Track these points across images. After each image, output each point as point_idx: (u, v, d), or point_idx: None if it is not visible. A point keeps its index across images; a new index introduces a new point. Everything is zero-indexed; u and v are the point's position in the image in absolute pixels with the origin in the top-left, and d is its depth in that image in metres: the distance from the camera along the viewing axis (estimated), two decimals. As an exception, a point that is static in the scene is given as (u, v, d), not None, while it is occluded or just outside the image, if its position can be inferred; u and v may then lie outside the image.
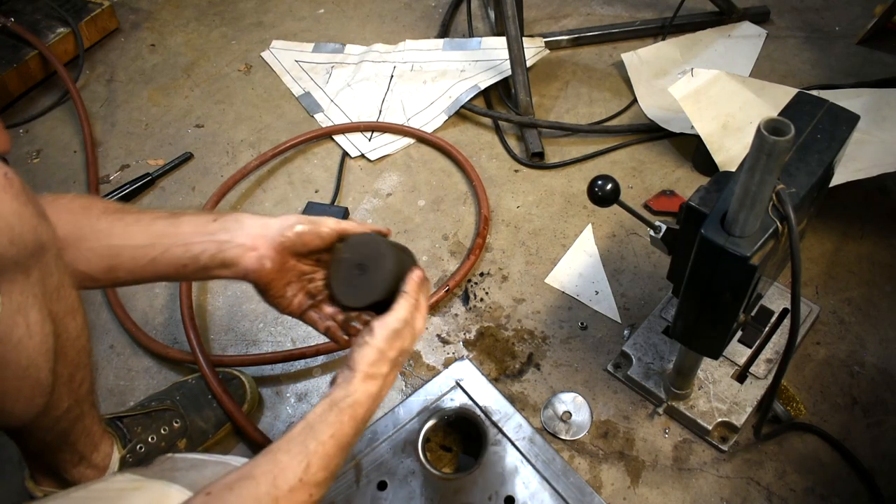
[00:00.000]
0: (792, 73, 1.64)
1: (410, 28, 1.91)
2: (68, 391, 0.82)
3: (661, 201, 1.38)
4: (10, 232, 0.64)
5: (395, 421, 1.06)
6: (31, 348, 0.71)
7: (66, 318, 0.77)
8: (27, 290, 0.69)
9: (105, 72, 1.86)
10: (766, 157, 0.64)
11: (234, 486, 0.61)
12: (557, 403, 1.11)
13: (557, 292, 1.27)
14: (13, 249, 0.65)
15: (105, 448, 0.96)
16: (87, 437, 0.92)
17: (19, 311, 0.69)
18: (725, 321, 0.82)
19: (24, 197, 0.67)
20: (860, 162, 1.22)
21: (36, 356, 0.72)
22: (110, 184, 1.55)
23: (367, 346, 0.72)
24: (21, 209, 0.66)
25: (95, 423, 0.93)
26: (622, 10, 1.89)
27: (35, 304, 0.71)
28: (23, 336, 0.69)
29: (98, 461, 0.95)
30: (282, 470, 0.64)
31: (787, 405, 1.06)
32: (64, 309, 0.76)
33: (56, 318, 0.75)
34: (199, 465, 0.86)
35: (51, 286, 0.73)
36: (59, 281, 0.74)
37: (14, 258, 0.66)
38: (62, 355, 0.77)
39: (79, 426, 0.88)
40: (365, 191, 1.49)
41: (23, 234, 0.66)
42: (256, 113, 1.71)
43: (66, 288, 0.76)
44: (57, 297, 0.74)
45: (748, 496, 1.00)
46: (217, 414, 1.09)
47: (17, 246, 0.65)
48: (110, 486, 0.78)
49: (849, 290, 1.21)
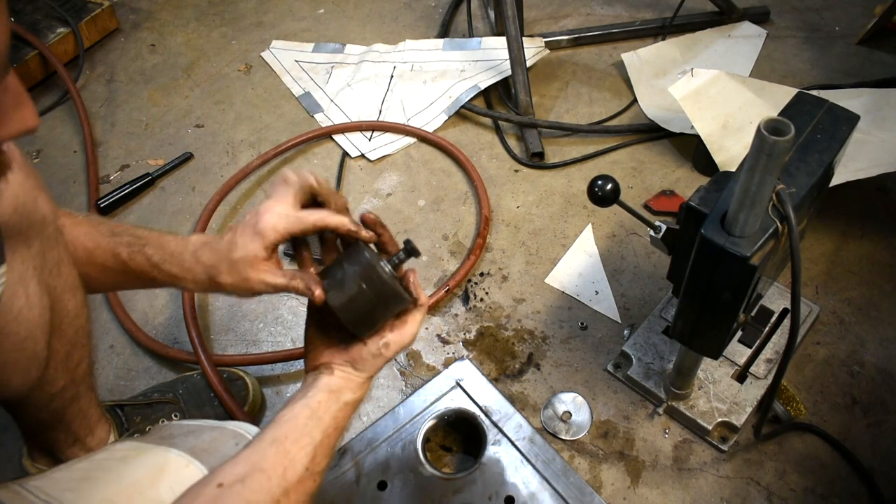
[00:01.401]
0: (792, 73, 1.64)
1: (410, 28, 1.91)
2: (64, 369, 0.82)
3: (661, 201, 1.38)
4: (15, 200, 0.66)
5: (395, 421, 1.06)
6: (30, 320, 0.72)
7: (64, 294, 0.78)
8: (28, 261, 0.70)
9: (105, 72, 1.86)
10: (766, 157, 0.64)
11: (246, 479, 0.62)
12: (557, 403, 1.11)
13: (557, 292, 1.27)
14: (16, 217, 0.67)
15: (100, 433, 0.97)
16: (83, 419, 0.92)
17: (20, 281, 0.70)
18: (725, 321, 0.82)
19: (26, 169, 0.69)
20: (860, 162, 1.22)
21: (34, 328, 0.73)
22: (110, 184, 1.55)
23: (381, 357, 0.72)
24: (23, 180, 0.68)
25: (92, 407, 0.93)
26: (622, 10, 1.89)
27: (35, 276, 0.72)
28: (23, 307, 0.71)
29: (93, 444, 0.96)
30: (291, 461, 0.64)
31: (787, 405, 1.06)
32: (62, 285, 0.77)
33: (54, 293, 0.76)
34: (196, 430, 0.86)
35: (51, 261, 0.74)
36: (58, 257, 0.76)
37: (17, 226, 0.67)
38: (59, 331, 0.78)
39: (74, 407, 0.89)
40: (365, 191, 1.49)
41: (25, 203, 0.68)
42: (256, 113, 1.71)
43: (66, 265, 0.78)
44: (57, 272, 0.76)
45: (748, 496, 1.00)
46: (217, 412, 1.09)
47: (20, 214, 0.67)
48: (112, 455, 0.78)
49: (849, 290, 1.21)
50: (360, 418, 1.13)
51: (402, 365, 1.19)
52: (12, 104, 0.48)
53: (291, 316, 1.28)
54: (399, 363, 1.19)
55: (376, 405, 1.14)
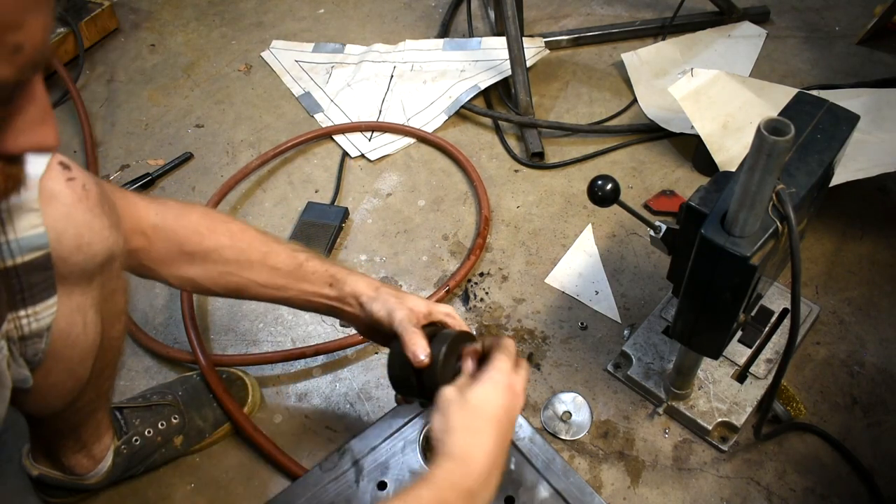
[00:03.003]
0: (792, 73, 1.64)
1: (410, 28, 1.91)
2: (94, 387, 0.84)
3: (661, 201, 1.38)
4: (79, 240, 0.68)
5: (396, 421, 1.06)
6: (84, 347, 0.74)
7: (113, 320, 0.80)
8: (88, 293, 0.72)
9: (105, 72, 1.86)
10: (766, 157, 0.64)
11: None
12: (557, 403, 1.11)
13: (557, 292, 1.27)
14: (80, 256, 0.68)
15: (106, 440, 0.99)
16: (95, 429, 0.94)
17: (79, 310, 0.72)
18: (725, 321, 0.82)
19: (98, 209, 0.70)
20: (860, 162, 1.22)
21: (86, 355, 0.76)
22: (110, 184, 1.55)
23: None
24: (93, 221, 0.69)
25: (105, 416, 0.96)
26: (622, 10, 1.89)
27: (93, 306, 0.74)
28: (79, 334, 0.73)
29: (97, 452, 0.98)
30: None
31: (787, 405, 1.06)
32: (113, 312, 0.80)
33: (104, 319, 0.78)
34: None
35: (108, 290, 0.76)
36: (115, 286, 0.78)
37: (80, 265, 0.69)
38: (101, 354, 0.80)
39: (92, 419, 0.91)
40: (365, 191, 1.49)
41: (91, 244, 0.69)
42: (256, 113, 1.71)
43: (120, 293, 0.80)
44: (112, 300, 0.78)
45: (748, 496, 1.00)
46: (216, 414, 1.09)
47: (83, 254, 0.69)
48: None
49: (849, 290, 1.21)
50: (361, 418, 1.13)
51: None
52: (37, 118, 0.46)
53: (291, 316, 1.28)
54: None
55: (376, 405, 1.14)
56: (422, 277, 1.32)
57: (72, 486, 0.99)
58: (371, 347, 1.22)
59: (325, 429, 1.12)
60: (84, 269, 0.70)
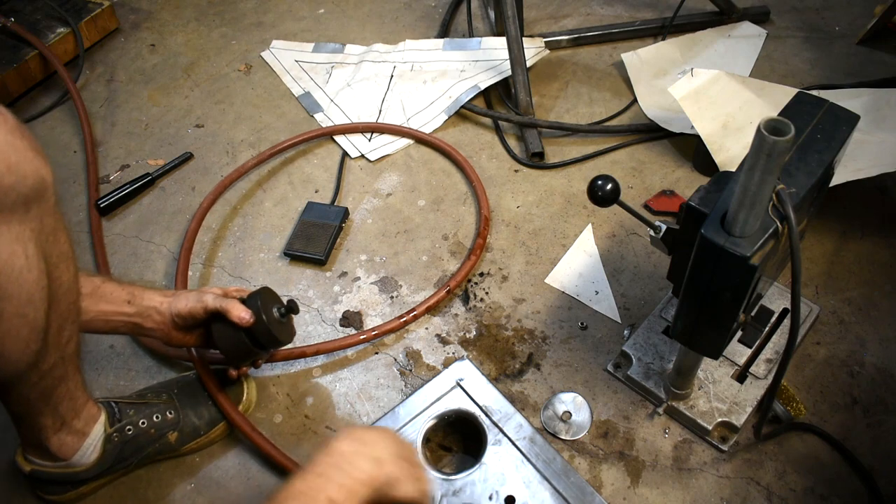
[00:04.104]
0: (792, 73, 1.64)
1: (410, 28, 1.91)
2: (56, 345, 0.82)
3: (661, 201, 1.38)
4: (7, 160, 0.67)
5: (395, 421, 1.06)
6: (30, 282, 0.72)
7: (59, 263, 0.79)
8: (25, 223, 0.71)
9: (105, 72, 1.86)
10: (766, 157, 0.64)
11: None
12: (557, 403, 1.11)
13: (557, 292, 1.27)
14: (11, 178, 0.67)
15: (87, 414, 0.97)
16: (70, 401, 0.93)
17: (18, 240, 0.70)
18: (725, 321, 0.82)
19: (19, 132, 0.69)
20: (860, 162, 1.22)
21: (33, 292, 0.73)
22: (110, 184, 1.56)
23: None
24: (16, 142, 0.68)
25: (79, 389, 0.94)
26: (622, 10, 1.89)
27: (32, 238, 0.72)
28: (23, 267, 0.71)
29: (79, 427, 0.97)
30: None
31: (787, 405, 1.06)
32: (58, 254, 0.78)
33: (50, 261, 0.76)
34: None
35: (47, 227, 0.75)
36: (55, 224, 0.77)
37: (12, 186, 0.68)
38: (54, 303, 0.78)
39: (62, 387, 0.89)
40: (365, 191, 1.49)
41: (20, 163, 0.68)
42: (256, 113, 1.71)
43: (62, 233, 0.79)
44: (53, 240, 0.77)
45: (748, 496, 1.00)
46: (212, 413, 1.09)
47: (14, 175, 0.68)
48: None
49: (849, 290, 1.21)
50: (361, 418, 1.13)
51: (402, 365, 1.19)
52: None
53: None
54: (399, 363, 1.19)
55: (376, 405, 1.14)
56: (422, 277, 1.32)
57: (64, 477, 0.99)
58: (371, 347, 1.22)
59: (325, 429, 1.12)
60: (18, 192, 0.68)
